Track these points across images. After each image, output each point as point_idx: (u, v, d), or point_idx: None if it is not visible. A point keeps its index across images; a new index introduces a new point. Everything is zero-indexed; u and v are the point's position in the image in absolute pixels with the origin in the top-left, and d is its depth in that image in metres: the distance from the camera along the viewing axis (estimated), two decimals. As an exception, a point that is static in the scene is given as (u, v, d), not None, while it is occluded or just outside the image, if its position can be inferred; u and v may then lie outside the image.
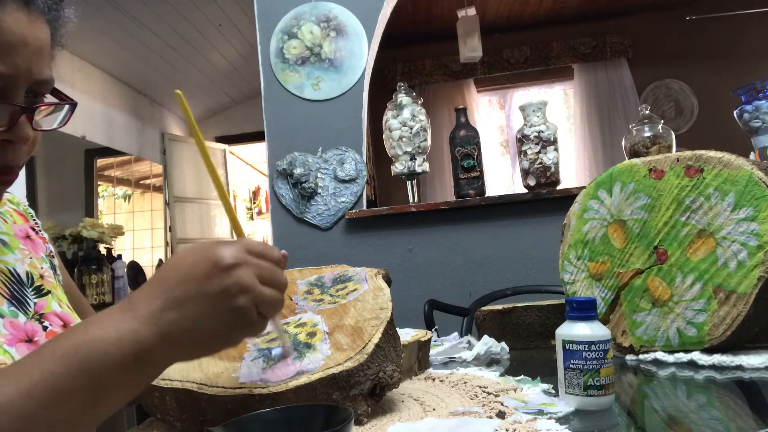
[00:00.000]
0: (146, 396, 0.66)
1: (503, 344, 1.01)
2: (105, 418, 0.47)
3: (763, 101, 1.76)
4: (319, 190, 2.16)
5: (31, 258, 0.71)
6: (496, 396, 0.70)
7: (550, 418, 0.61)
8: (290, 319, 0.73)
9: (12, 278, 0.66)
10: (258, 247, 0.52)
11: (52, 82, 0.60)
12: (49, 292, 0.70)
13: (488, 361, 0.98)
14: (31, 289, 0.68)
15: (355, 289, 0.76)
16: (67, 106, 0.64)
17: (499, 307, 1.14)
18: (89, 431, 0.47)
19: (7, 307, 0.63)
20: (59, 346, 0.45)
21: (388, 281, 0.78)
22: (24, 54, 0.55)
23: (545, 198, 2.01)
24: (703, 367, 0.82)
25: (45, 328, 0.65)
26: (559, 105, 4.74)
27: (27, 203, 0.80)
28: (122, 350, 0.45)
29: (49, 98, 0.62)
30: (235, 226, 0.58)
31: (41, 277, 0.70)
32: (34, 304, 0.67)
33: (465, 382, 0.78)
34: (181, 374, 0.64)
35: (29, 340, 0.62)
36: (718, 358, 0.81)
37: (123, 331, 0.46)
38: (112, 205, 4.17)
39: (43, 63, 0.58)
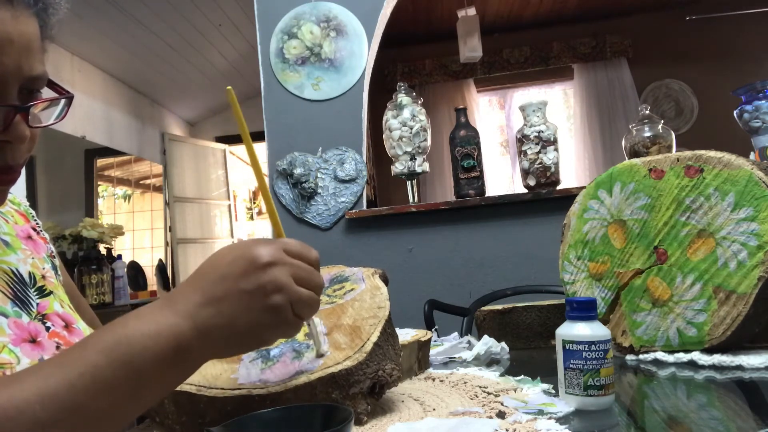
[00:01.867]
0: None
1: (503, 344, 1.01)
2: (143, 410, 0.48)
3: (763, 101, 1.76)
4: (319, 190, 2.16)
5: (33, 258, 0.71)
6: (496, 396, 0.70)
7: (550, 418, 0.61)
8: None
9: (15, 278, 0.66)
10: (296, 247, 0.52)
11: (46, 77, 0.58)
12: (51, 292, 0.70)
13: (488, 361, 0.98)
14: (33, 290, 0.68)
15: (352, 289, 0.76)
16: (64, 100, 0.62)
17: (499, 307, 1.13)
18: (128, 423, 0.48)
19: (10, 307, 0.63)
20: (101, 340, 0.46)
21: (385, 280, 0.78)
22: (11, 53, 0.53)
23: (545, 198, 2.01)
24: (703, 367, 0.82)
25: (48, 329, 0.65)
26: (559, 105, 4.74)
27: (28, 204, 0.80)
28: (161, 344, 0.46)
29: (46, 92, 0.60)
30: (275, 226, 0.59)
31: (43, 277, 0.70)
32: (37, 304, 0.67)
33: (465, 382, 0.78)
34: (179, 375, 0.64)
35: (33, 340, 0.62)
36: (718, 358, 0.81)
37: (162, 326, 0.47)
38: (112, 205, 4.17)
39: (33, 59, 0.56)
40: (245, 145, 0.60)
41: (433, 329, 1.21)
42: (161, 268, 3.95)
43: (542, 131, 2.00)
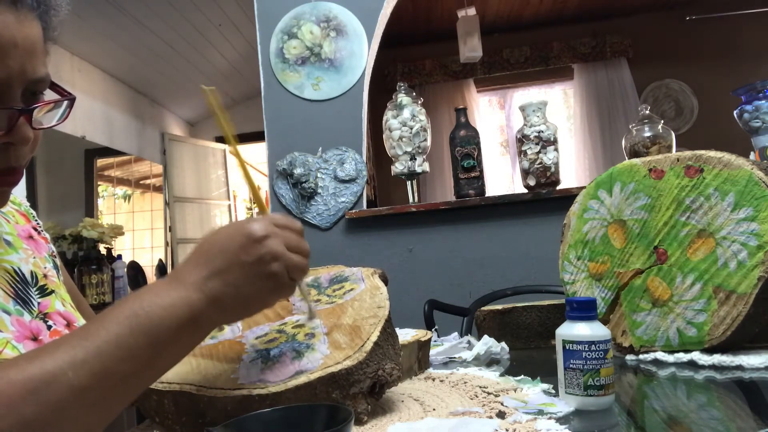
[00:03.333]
0: (144, 400, 0.66)
1: (503, 344, 1.01)
2: (161, 375, 0.54)
3: (763, 101, 1.76)
4: (319, 190, 2.16)
5: (34, 258, 0.71)
6: (496, 396, 0.70)
7: (550, 418, 0.61)
8: (287, 319, 0.73)
9: (16, 278, 0.66)
10: (282, 220, 0.59)
11: (49, 79, 0.59)
12: (52, 291, 0.70)
13: (488, 361, 0.98)
14: (35, 289, 0.68)
15: (352, 289, 0.76)
16: (66, 102, 0.63)
17: (499, 307, 1.13)
18: (149, 386, 0.53)
19: (12, 305, 0.63)
20: (119, 313, 0.50)
21: (385, 280, 0.78)
22: (15, 56, 0.54)
23: (545, 198, 2.01)
24: (703, 367, 0.82)
25: (49, 327, 0.65)
26: (559, 105, 4.74)
27: (29, 204, 0.80)
28: (177, 314, 0.52)
29: (48, 95, 0.61)
30: (258, 203, 0.66)
31: (45, 276, 0.71)
32: (38, 303, 0.67)
33: (465, 382, 0.78)
34: (179, 377, 0.64)
35: (34, 339, 0.63)
36: (718, 358, 0.81)
37: (175, 298, 0.52)
38: (112, 205, 4.17)
39: (36, 61, 0.57)
40: (221, 126, 0.64)
41: (433, 329, 1.21)
42: (161, 268, 3.95)
43: (542, 131, 2.00)
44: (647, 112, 2.06)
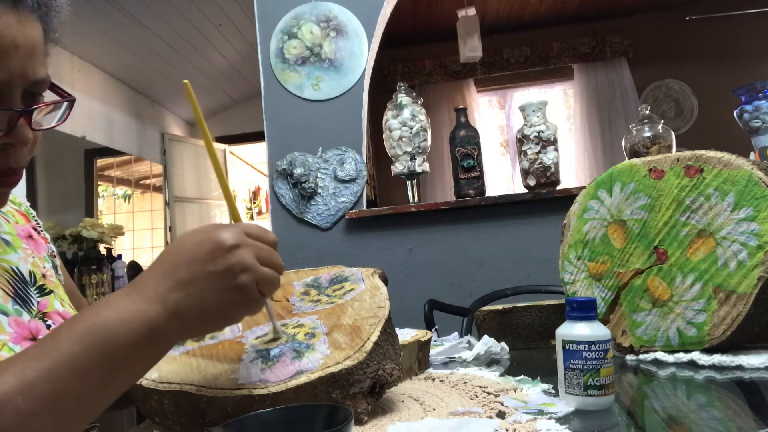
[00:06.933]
0: (144, 400, 0.66)
1: (503, 344, 1.01)
2: (120, 394, 0.50)
3: (763, 101, 1.76)
4: (319, 190, 2.16)
5: (33, 258, 0.71)
6: (496, 396, 0.70)
7: (550, 418, 0.61)
8: (287, 321, 0.73)
9: (15, 277, 0.66)
10: (255, 230, 0.55)
11: (49, 81, 0.59)
12: (51, 291, 0.70)
13: (488, 361, 0.98)
14: (34, 289, 0.68)
15: (352, 289, 0.76)
16: (66, 103, 0.62)
17: (499, 307, 1.13)
18: (106, 406, 0.50)
19: (11, 305, 0.63)
20: (74, 329, 0.47)
21: (385, 280, 0.78)
22: (16, 57, 0.54)
23: (545, 198, 2.01)
24: (703, 367, 0.82)
25: (48, 327, 0.66)
26: (559, 105, 4.74)
27: (29, 204, 0.80)
28: (134, 329, 0.48)
29: (48, 95, 0.61)
30: (233, 211, 0.62)
31: (44, 276, 0.71)
32: (37, 303, 0.67)
33: (465, 382, 0.78)
34: (179, 377, 0.64)
35: (33, 339, 0.63)
36: (718, 358, 0.81)
37: (133, 312, 0.49)
38: (112, 205, 4.17)
39: (37, 63, 0.56)
40: (200, 127, 0.63)
41: (433, 329, 1.21)
42: (161, 268, 3.94)
43: (542, 131, 2.00)
44: (647, 112, 2.06)
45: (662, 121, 2.06)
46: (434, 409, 0.66)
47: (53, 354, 0.45)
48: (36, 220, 0.78)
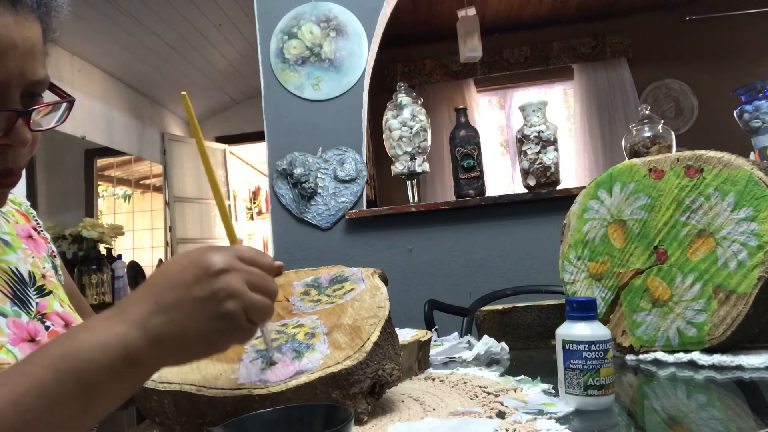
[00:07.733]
0: (144, 400, 0.66)
1: (503, 344, 1.01)
2: (98, 420, 0.48)
3: (763, 101, 1.76)
4: (319, 190, 2.16)
5: (33, 258, 0.71)
6: (496, 396, 0.70)
7: (550, 418, 0.61)
8: (287, 321, 0.73)
9: (14, 278, 0.66)
10: (249, 253, 0.52)
11: (48, 81, 0.59)
12: (50, 292, 0.70)
13: (488, 361, 0.98)
14: (33, 289, 0.68)
15: (352, 289, 0.76)
16: (65, 103, 0.62)
17: (499, 307, 1.13)
18: None
19: (9, 306, 0.63)
20: (48, 354, 0.45)
21: (385, 280, 0.78)
22: (14, 57, 0.53)
23: (545, 198, 2.01)
24: (703, 367, 0.82)
25: (47, 328, 0.65)
26: (559, 105, 4.74)
27: (29, 204, 0.80)
28: (110, 355, 0.46)
29: (47, 96, 0.61)
30: (229, 232, 0.59)
31: (43, 277, 0.70)
32: (36, 303, 0.67)
33: (465, 382, 0.78)
34: (179, 377, 0.64)
35: (32, 340, 0.63)
36: (718, 358, 0.81)
37: (110, 336, 0.46)
38: (112, 205, 4.17)
39: (36, 63, 0.56)
40: (198, 148, 0.61)
41: (433, 329, 1.21)
42: (161, 268, 3.94)
43: (542, 131, 2.00)
44: (647, 112, 2.06)
45: (662, 121, 2.06)
46: (434, 409, 0.66)
47: (24, 380, 0.43)
48: (36, 220, 0.78)
